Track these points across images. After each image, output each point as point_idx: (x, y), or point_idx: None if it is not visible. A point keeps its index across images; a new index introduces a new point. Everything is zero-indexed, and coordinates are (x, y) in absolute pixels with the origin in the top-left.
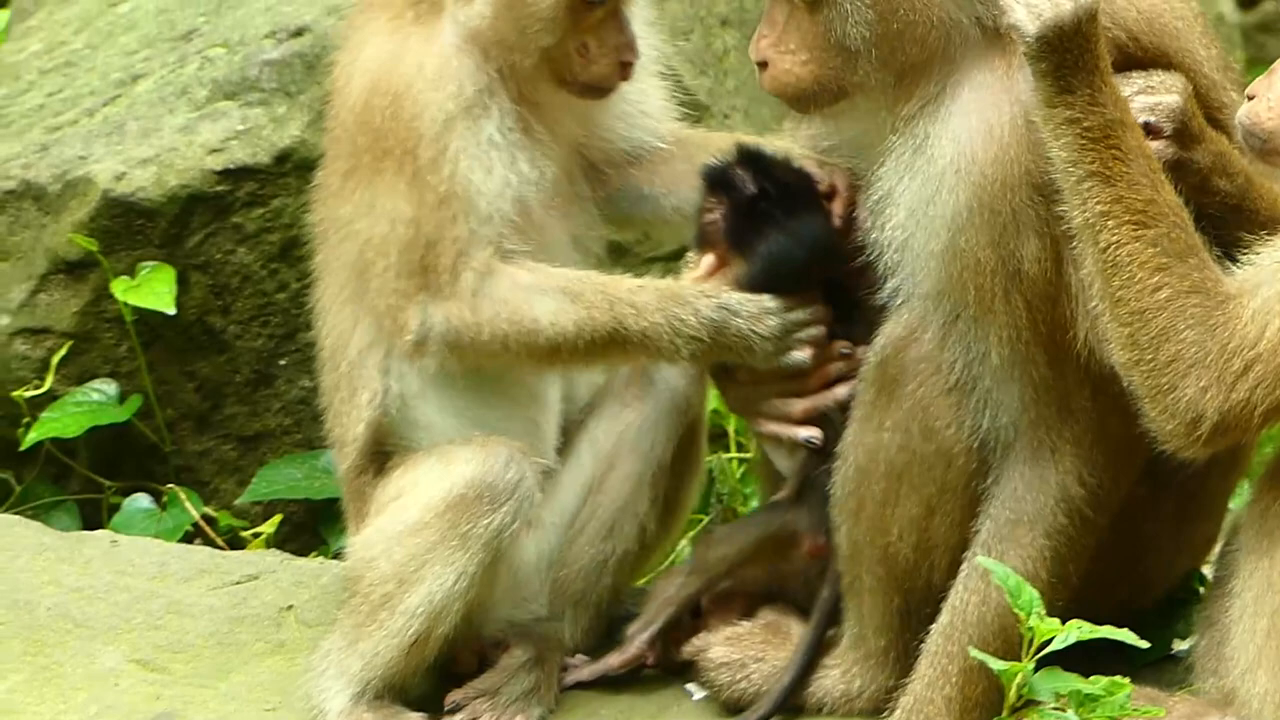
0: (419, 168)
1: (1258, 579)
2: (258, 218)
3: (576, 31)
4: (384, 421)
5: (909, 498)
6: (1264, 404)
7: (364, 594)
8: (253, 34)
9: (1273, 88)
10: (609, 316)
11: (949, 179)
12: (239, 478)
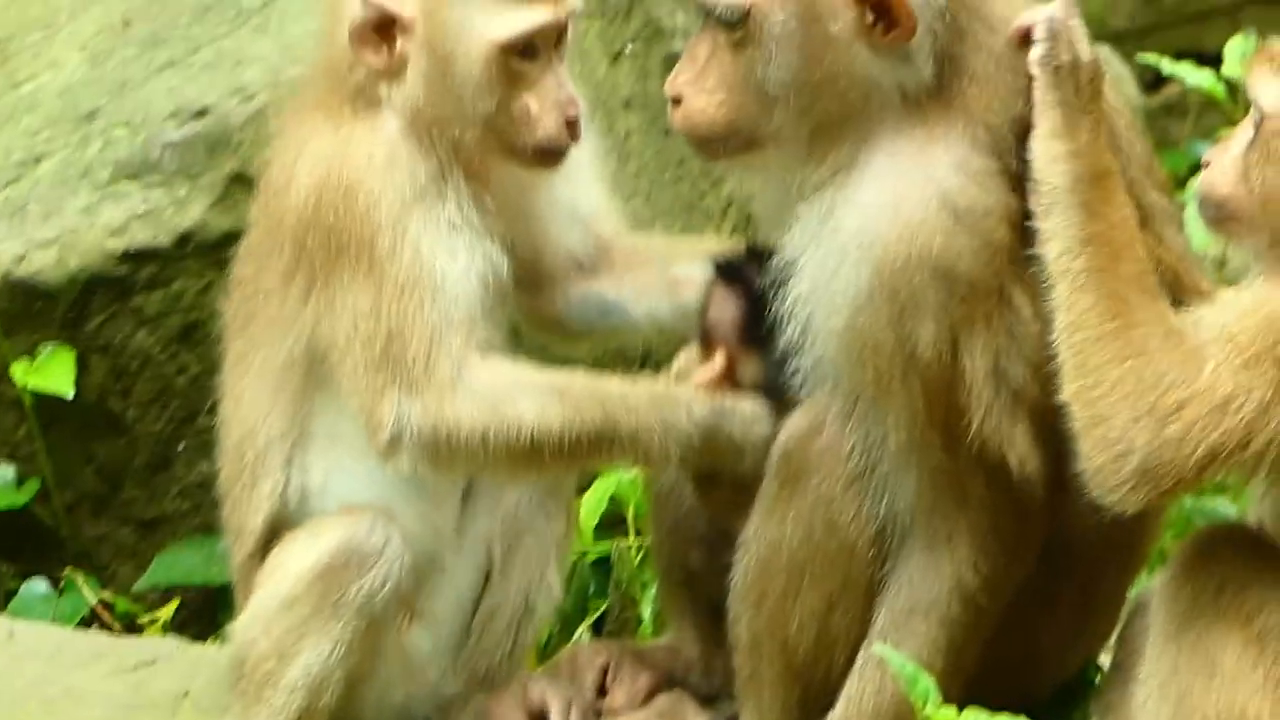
0: (377, 258)
1: (1165, 664)
2: (158, 300)
3: (514, 92)
4: (283, 513)
5: (811, 591)
6: (1197, 446)
7: (249, 674)
8: (155, 115)
9: (1227, 154)
10: (598, 416)
11: (852, 253)
12: (137, 562)
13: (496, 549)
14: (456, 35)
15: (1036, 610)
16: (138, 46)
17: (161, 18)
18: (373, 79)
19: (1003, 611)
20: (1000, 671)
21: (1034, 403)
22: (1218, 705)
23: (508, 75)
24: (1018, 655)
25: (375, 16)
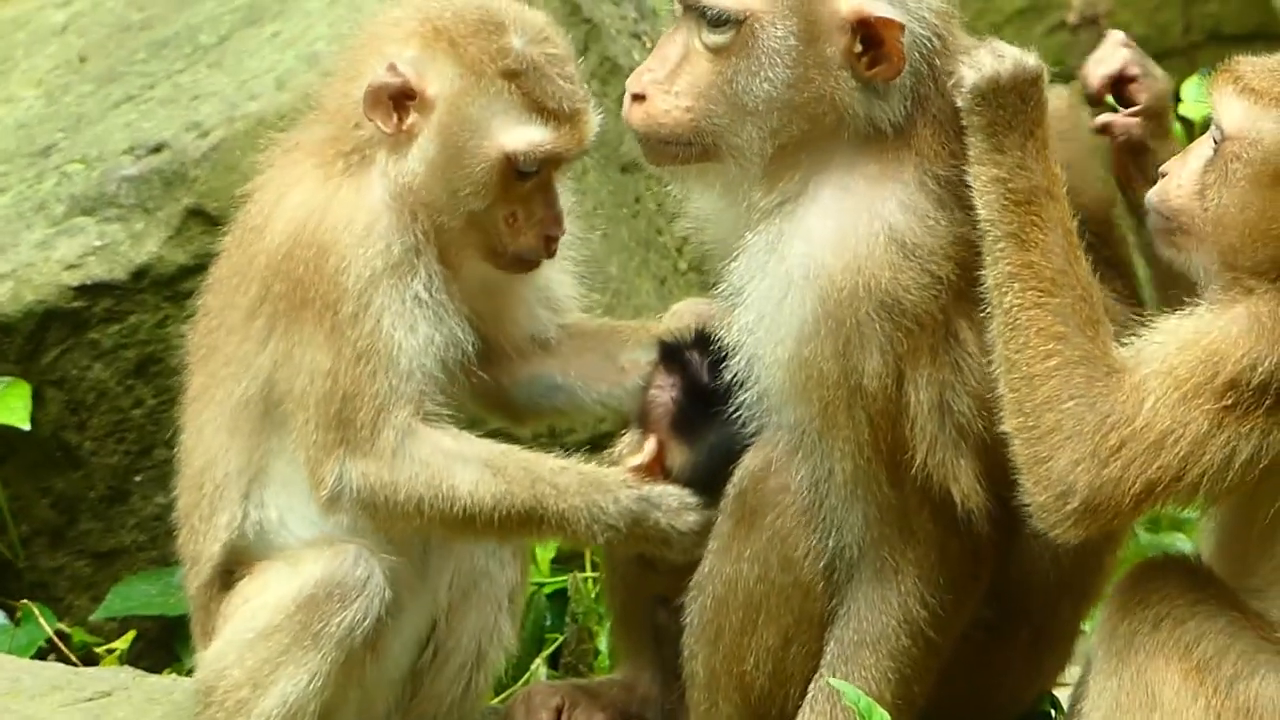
0: (338, 322)
1: (1106, 699)
2: (114, 334)
3: (506, 200)
4: (240, 544)
5: (767, 627)
6: (1136, 483)
7: (218, 703)
8: (111, 150)
9: (1185, 166)
10: (529, 494)
11: (798, 283)
12: (93, 593)
13: (451, 593)
14: (472, 131)
15: (991, 645)
16: (94, 82)
17: (117, 54)
18: (374, 142)
19: (956, 645)
20: (954, 705)
21: (979, 437)
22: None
23: (506, 184)
24: (972, 689)
25: (399, 85)
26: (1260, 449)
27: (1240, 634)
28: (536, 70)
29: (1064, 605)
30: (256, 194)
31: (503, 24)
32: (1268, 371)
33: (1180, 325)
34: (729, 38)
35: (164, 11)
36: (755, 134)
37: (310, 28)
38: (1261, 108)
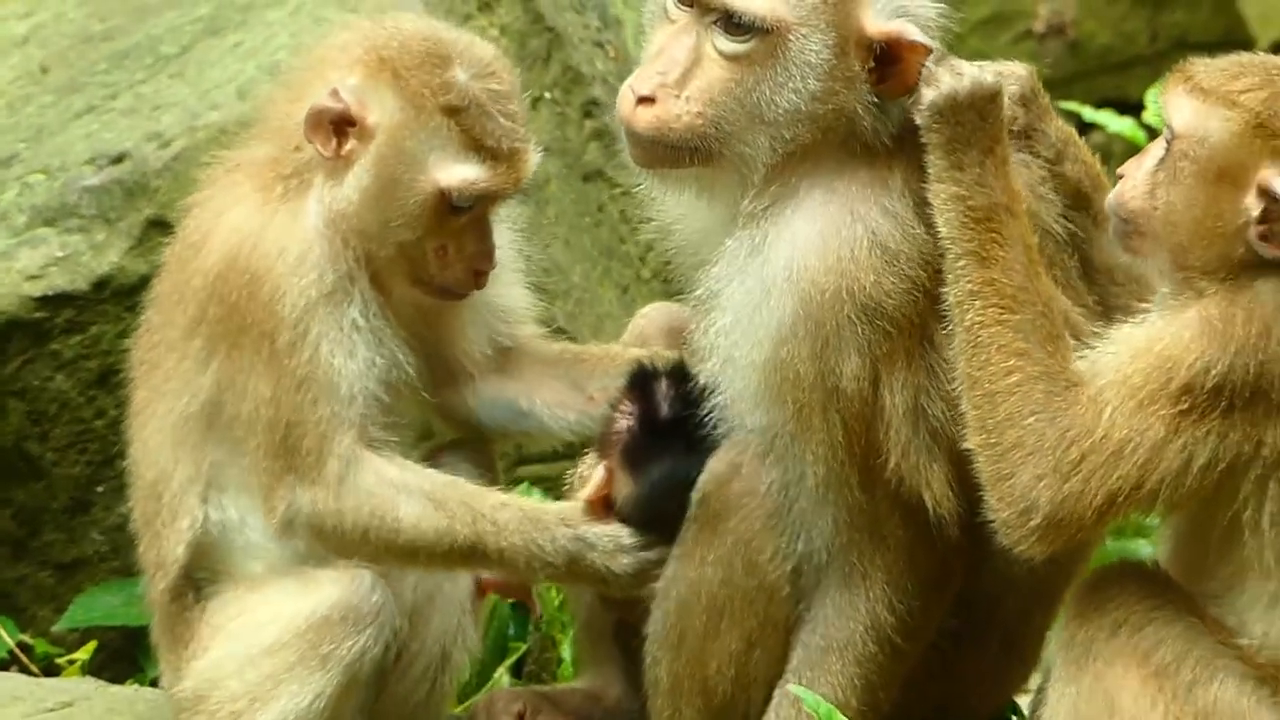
0: (276, 350)
1: (1065, 705)
2: (76, 344)
3: (438, 233)
4: (204, 543)
5: (730, 632)
6: (1097, 495)
7: (209, 713)
8: (73, 160)
9: (1141, 167)
10: (470, 531)
11: (779, 285)
12: (56, 604)
13: (415, 595)
14: (408, 163)
15: (959, 653)
16: (55, 93)
17: (79, 64)
18: (313, 166)
19: (924, 653)
20: (921, 713)
21: (951, 442)
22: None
23: (439, 217)
24: (939, 697)
25: (340, 111)
26: (1217, 452)
27: (1198, 639)
28: (478, 107)
29: (1035, 614)
30: (196, 209)
31: (448, 57)
32: (1220, 374)
33: (1133, 333)
34: (750, 46)
35: (125, 22)
36: (766, 143)
37: (272, 38)
38: (1209, 106)
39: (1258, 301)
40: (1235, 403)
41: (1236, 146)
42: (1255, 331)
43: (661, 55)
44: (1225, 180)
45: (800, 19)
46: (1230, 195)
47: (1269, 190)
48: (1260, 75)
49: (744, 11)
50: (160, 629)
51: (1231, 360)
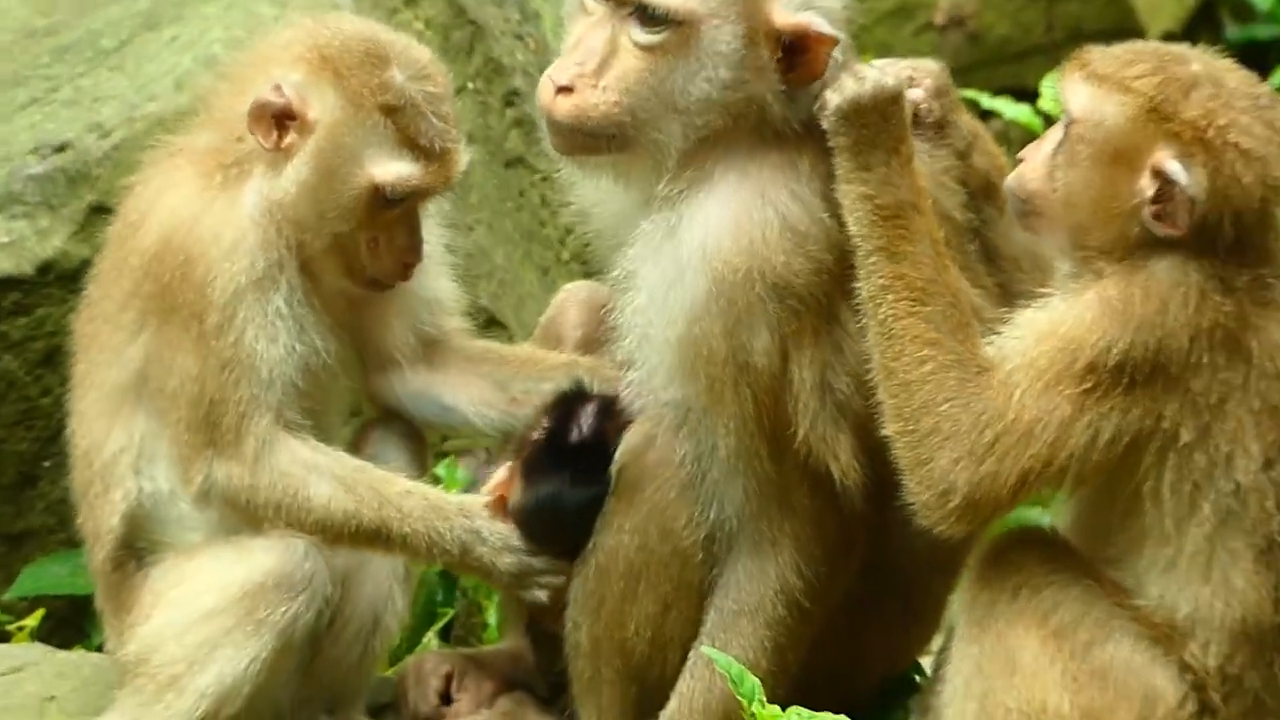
0: (204, 331)
1: (968, 665)
2: (22, 326)
3: (370, 226)
4: (138, 514)
5: (647, 595)
6: (1011, 475)
7: (150, 675)
8: (17, 149)
9: (1039, 150)
10: (376, 514)
11: (694, 264)
12: (4, 574)
13: (347, 560)
14: (345, 158)
15: (863, 617)
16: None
17: (23, 58)
18: (253, 156)
19: (829, 617)
20: (827, 674)
21: (857, 415)
22: (1019, 700)
23: (372, 211)
24: (844, 659)
25: (282, 105)
26: (1121, 427)
27: (1095, 601)
28: (413, 107)
29: (936, 579)
30: (138, 189)
31: (387, 58)
32: (1122, 352)
33: (1037, 317)
34: (663, 37)
35: (67, 17)
36: (679, 130)
37: (206, 31)
38: (1105, 91)
39: (1154, 279)
40: (1136, 379)
41: (1131, 130)
42: (1153, 309)
43: (579, 46)
44: (1121, 162)
45: (711, 11)
46: (1126, 176)
47: (1162, 172)
48: (1153, 62)
49: (658, 4)
50: (103, 596)
51: (1131, 338)
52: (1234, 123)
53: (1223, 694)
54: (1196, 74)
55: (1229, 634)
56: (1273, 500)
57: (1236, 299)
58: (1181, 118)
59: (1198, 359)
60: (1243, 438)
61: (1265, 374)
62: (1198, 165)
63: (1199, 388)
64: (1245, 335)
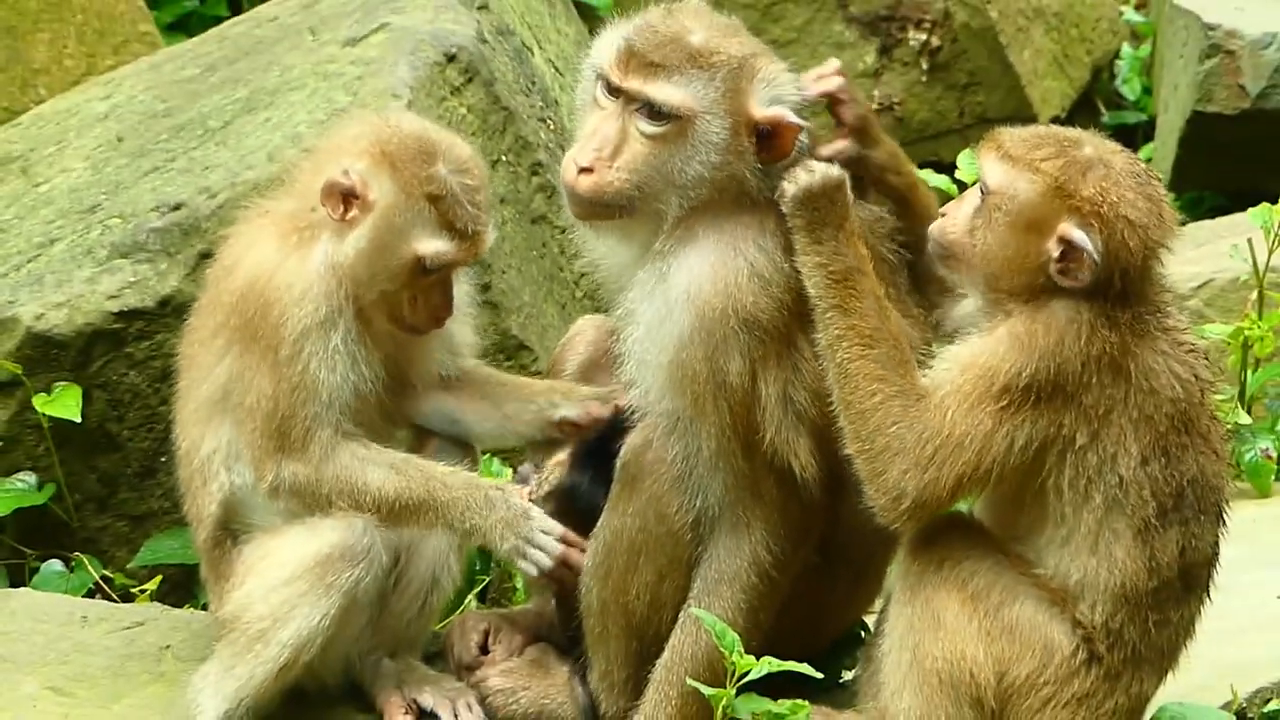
0: (279, 360)
1: (902, 622)
2: (145, 349)
3: (412, 287)
4: (230, 502)
5: (646, 567)
6: (949, 479)
7: (241, 629)
8: (142, 208)
9: (959, 207)
10: (423, 489)
11: (680, 304)
12: (130, 547)
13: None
14: (395, 233)
15: (820, 583)
16: (128, 156)
17: (147, 134)
18: (322, 224)
19: (792, 584)
20: (791, 630)
21: (814, 422)
22: (944, 652)
23: (413, 276)
24: (805, 618)
25: (349, 186)
26: (1031, 435)
27: (1004, 570)
28: (453, 197)
29: (878, 553)
30: (231, 240)
31: (435, 155)
32: (1029, 376)
33: (960, 351)
34: (666, 129)
35: (182, 103)
36: (676, 201)
37: (293, 115)
38: (1018, 170)
39: (1053, 317)
40: (1041, 396)
41: (1041, 204)
42: (1053, 341)
43: (596, 134)
44: (1032, 229)
45: (705, 109)
46: (1035, 240)
47: (1067, 238)
48: (1055, 146)
49: (662, 103)
50: (206, 568)
51: (1036, 365)
52: (1122, 198)
53: (1107, 645)
54: (1090, 157)
55: (1112, 596)
56: (1148, 490)
57: (1119, 332)
58: (1081, 194)
59: (1089, 379)
60: (1125, 441)
61: (1141, 390)
62: (1095, 233)
63: (1090, 401)
64: (1126, 360)
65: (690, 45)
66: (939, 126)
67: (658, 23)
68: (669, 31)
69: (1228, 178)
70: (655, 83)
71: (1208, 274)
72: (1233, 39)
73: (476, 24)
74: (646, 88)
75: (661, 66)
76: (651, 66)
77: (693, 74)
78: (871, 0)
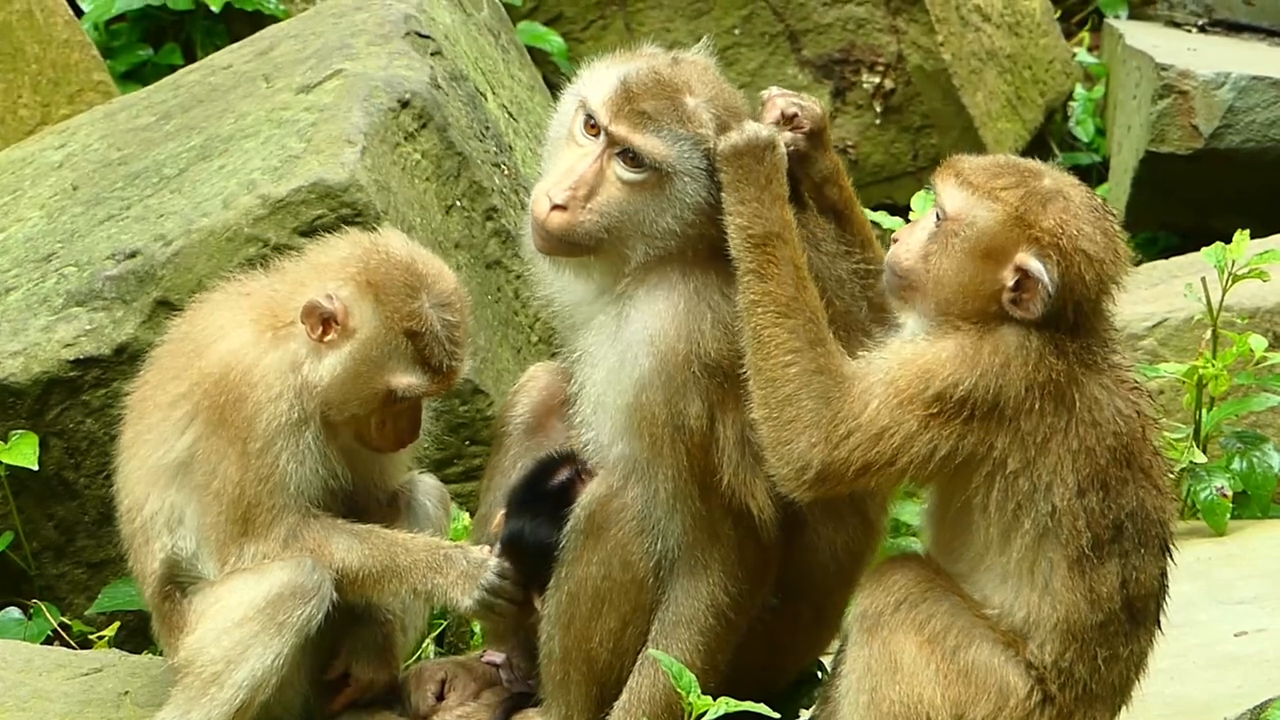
0: (248, 450)
1: (859, 664)
2: (101, 396)
3: (381, 412)
4: (174, 561)
5: (609, 615)
6: (857, 463)
7: (196, 673)
8: (97, 256)
9: (912, 235)
10: (387, 555)
11: (641, 347)
12: (88, 594)
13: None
14: (371, 363)
15: (778, 624)
16: (83, 205)
17: (102, 183)
18: (302, 334)
19: (751, 625)
20: (749, 670)
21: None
22: (901, 695)
23: (385, 404)
24: (763, 659)
25: (330, 312)
26: (955, 449)
27: (961, 613)
28: (431, 334)
29: (836, 593)
30: (207, 313)
31: (419, 288)
32: (966, 390)
33: (903, 347)
34: (644, 177)
35: (137, 151)
36: (643, 249)
37: (248, 162)
38: (977, 198)
39: (1003, 340)
40: (975, 413)
41: (1000, 232)
42: (998, 362)
43: (573, 172)
44: (989, 257)
45: (686, 170)
46: (992, 268)
47: (1024, 269)
48: (1015, 176)
49: (646, 155)
50: (157, 621)
51: (975, 381)
52: (1081, 231)
53: (1059, 684)
54: (1050, 188)
55: (1058, 632)
56: (1083, 521)
57: (1067, 361)
58: (1041, 225)
59: (1030, 405)
60: (1061, 470)
61: (1083, 421)
62: (1052, 265)
63: (1028, 428)
64: (1071, 390)
65: (685, 105)
66: (893, 169)
67: (661, 70)
68: (669, 83)
69: (1181, 217)
70: (643, 133)
71: (1162, 313)
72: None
73: (430, 70)
74: (633, 136)
75: (652, 119)
76: (642, 116)
77: (681, 134)
78: (825, 44)
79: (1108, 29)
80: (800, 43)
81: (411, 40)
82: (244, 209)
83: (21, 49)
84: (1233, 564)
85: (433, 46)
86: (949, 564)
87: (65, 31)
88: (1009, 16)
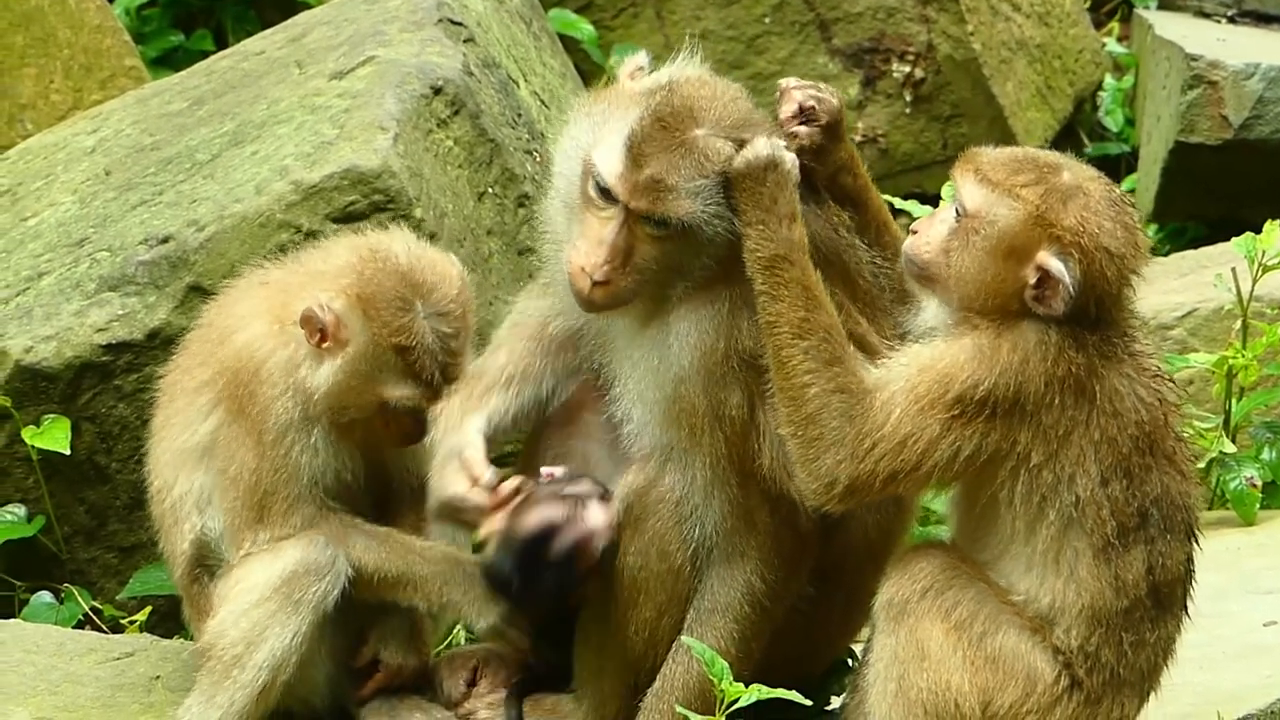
0: (263, 440)
1: (886, 652)
2: (134, 381)
3: (381, 417)
4: (203, 540)
5: (646, 604)
6: (884, 473)
7: (217, 657)
8: (130, 241)
9: (932, 227)
10: (403, 560)
11: (682, 346)
12: (119, 578)
13: None
14: (362, 376)
15: (813, 612)
16: (116, 190)
17: (134, 168)
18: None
19: (786, 613)
20: (782, 658)
21: None
22: (929, 682)
23: (383, 411)
24: (796, 646)
25: (326, 322)
26: (979, 448)
27: (987, 599)
28: (422, 347)
29: (869, 581)
30: (231, 300)
31: (411, 301)
32: (986, 389)
33: (921, 352)
34: (671, 232)
35: (169, 136)
36: (681, 285)
37: (280, 148)
38: (997, 195)
39: (1021, 336)
40: (997, 411)
41: (1021, 231)
42: (1017, 359)
43: (604, 246)
44: (1011, 255)
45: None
46: (1014, 266)
47: (1045, 268)
48: (1035, 172)
49: (668, 218)
50: (187, 604)
51: (995, 379)
52: (1101, 228)
53: (1085, 669)
54: (1069, 184)
55: (1084, 618)
56: (1107, 509)
57: (1086, 354)
58: (1062, 224)
59: (1050, 399)
60: (1084, 461)
61: (1105, 412)
62: (1074, 263)
63: (1049, 421)
64: (1091, 382)
65: (695, 145)
66: (923, 158)
67: (661, 113)
68: (673, 125)
69: (1210, 208)
70: (664, 202)
71: (1191, 304)
72: (1215, 70)
73: (463, 57)
74: (655, 208)
75: (669, 186)
76: (658, 185)
77: (700, 183)
78: (855, 33)
79: (1137, 19)
80: (830, 31)
81: (444, 27)
82: (277, 195)
83: (53, 34)
84: (1262, 554)
85: (465, 33)
86: (974, 552)
87: (97, 17)
88: (1039, 6)
